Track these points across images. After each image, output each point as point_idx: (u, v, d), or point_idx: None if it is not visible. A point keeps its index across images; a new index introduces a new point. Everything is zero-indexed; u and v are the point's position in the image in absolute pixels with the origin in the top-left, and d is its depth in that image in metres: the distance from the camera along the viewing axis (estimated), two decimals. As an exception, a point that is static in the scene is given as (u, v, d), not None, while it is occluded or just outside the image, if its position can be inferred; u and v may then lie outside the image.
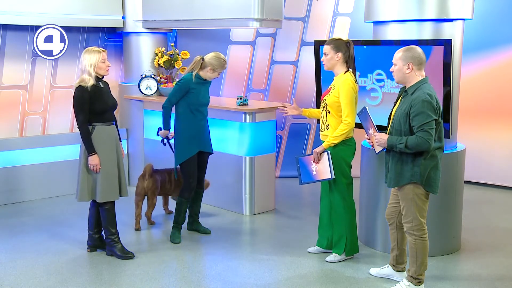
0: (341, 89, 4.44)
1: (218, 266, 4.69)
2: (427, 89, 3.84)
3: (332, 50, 4.50)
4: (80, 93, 4.55)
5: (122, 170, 4.84)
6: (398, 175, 3.95)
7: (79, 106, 4.58)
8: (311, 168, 4.61)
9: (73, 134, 7.06)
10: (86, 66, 4.56)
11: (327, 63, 4.56)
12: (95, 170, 4.62)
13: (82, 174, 4.67)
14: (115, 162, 4.74)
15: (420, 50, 3.92)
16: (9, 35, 6.52)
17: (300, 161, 4.68)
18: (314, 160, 4.57)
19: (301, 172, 4.66)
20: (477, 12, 5.41)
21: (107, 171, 4.68)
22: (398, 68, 3.94)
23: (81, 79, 4.57)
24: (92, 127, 4.63)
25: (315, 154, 4.55)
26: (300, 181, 4.69)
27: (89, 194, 4.71)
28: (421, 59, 3.90)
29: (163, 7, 6.82)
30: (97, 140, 4.63)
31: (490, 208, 6.48)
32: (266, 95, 7.79)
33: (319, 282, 4.35)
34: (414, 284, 4.05)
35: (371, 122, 4.14)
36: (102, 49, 4.66)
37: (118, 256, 4.79)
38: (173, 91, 5.09)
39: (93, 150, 4.60)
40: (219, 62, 5.05)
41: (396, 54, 3.95)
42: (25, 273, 4.53)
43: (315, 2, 7.57)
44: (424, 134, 3.78)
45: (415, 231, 3.98)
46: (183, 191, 5.22)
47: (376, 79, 5.01)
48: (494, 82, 7.20)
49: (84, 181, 4.68)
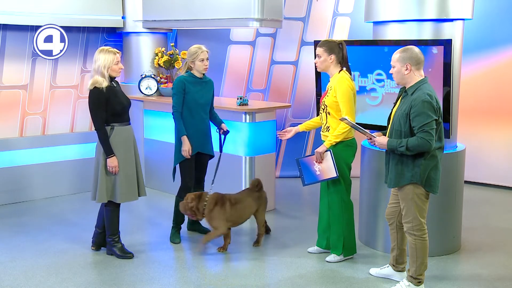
0: (338, 88, 4.44)
1: (218, 266, 4.69)
2: (427, 89, 3.84)
3: (325, 52, 4.51)
4: (96, 95, 4.50)
5: (140, 170, 4.82)
6: (399, 175, 3.95)
7: (96, 108, 4.52)
8: (314, 169, 4.59)
9: (73, 134, 7.07)
10: (100, 67, 4.52)
11: (320, 65, 4.56)
12: (114, 172, 4.59)
13: (101, 175, 4.61)
14: (133, 162, 4.73)
15: (417, 50, 3.91)
16: (9, 35, 6.52)
17: (301, 162, 4.66)
18: (316, 160, 4.56)
19: (304, 173, 4.64)
20: (477, 12, 5.41)
21: (126, 172, 4.66)
22: (396, 70, 3.94)
23: (95, 81, 4.51)
24: (111, 128, 4.60)
25: (317, 154, 4.53)
26: (304, 183, 4.66)
27: (108, 195, 4.67)
28: (419, 59, 3.90)
29: (163, 7, 6.82)
30: (116, 141, 4.60)
31: (490, 208, 6.47)
32: (266, 95, 7.79)
33: (319, 282, 4.35)
34: (414, 284, 4.05)
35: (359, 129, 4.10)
36: (117, 51, 4.61)
37: (118, 255, 4.79)
38: (173, 97, 5.05)
39: (112, 152, 4.56)
40: (191, 51, 5.03)
41: (394, 56, 3.95)
42: (25, 273, 4.53)
43: (315, 2, 7.57)
44: (425, 134, 3.77)
45: (415, 231, 3.98)
46: (180, 191, 5.20)
47: (376, 79, 5.01)
48: (494, 82, 7.20)
49: (103, 182, 4.62)
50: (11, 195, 6.53)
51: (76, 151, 6.97)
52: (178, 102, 5.03)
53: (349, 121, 4.15)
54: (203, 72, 5.10)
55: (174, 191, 5.85)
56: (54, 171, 6.81)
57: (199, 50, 5.00)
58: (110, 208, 4.74)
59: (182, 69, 5.15)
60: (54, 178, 6.81)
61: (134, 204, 6.21)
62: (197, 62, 5.02)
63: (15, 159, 6.56)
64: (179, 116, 5.04)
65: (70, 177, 6.91)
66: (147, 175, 7.22)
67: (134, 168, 4.73)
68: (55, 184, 6.82)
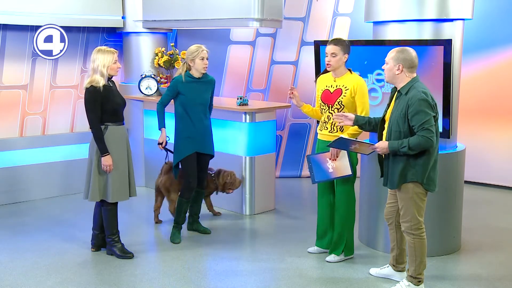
0: (359, 89, 4.46)
1: (218, 266, 4.69)
2: (420, 87, 3.86)
3: (341, 51, 4.48)
4: (93, 93, 4.54)
5: (132, 170, 4.84)
6: (399, 175, 3.94)
7: (91, 106, 4.56)
8: (327, 166, 4.52)
9: (73, 134, 7.07)
10: (99, 66, 4.54)
11: (335, 63, 4.49)
12: (108, 170, 4.61)
13: (94, 174, 4.64)
14: (126, 162, 4.74)
15: (413, 54, 3.91)
16: (9, 35, 6.51)
17: (312, 159, 4.57)
18: (331, 157, 4.53)
19: (314, 170, 4.56)
20: (477, 12, 5.40)
21: (119, 172, 4.67)
22: (389, 68, 3.95)
23: (93, 79, 4.55)
24: (105, 127, 4.62)
25: (334, 150, 4.48)
26: (313, 180, 4.58)
27: (100, 194, 4.69)
28: (413, 63, 3.90)
29: (163, 7, 6.82)
30: (109, 140, 4.62)
31: (490, 208, 6.47)
32: (266, 95, 7.79)
33: (319, 282, 4.35)
34: (414, 284, 4.05)
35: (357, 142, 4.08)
36: (114, 50, 4.65)
37: (118, 255, 4.79)
38: (165, 91, 5.18)
39: (106, 151, 4.58)
40: (190, 50, 5.05)
41: (390, 53, 3.96)
42: (25, 273, 4.53)
43: (315, 2, 7.57)
44: (426, 132, 3.78)
45: (413, 230, 3.98)
46: (183, 191, 5.21)
47: (376, 79, 5.01)
48: (494, 82, 7.20)
49: (96, 181, 4.64)
50: (11, 195, 6.53)
51: (76, 151, 6.96)
52: (165, 98, 5.16)
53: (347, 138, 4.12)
54: (203, 72, 5.10)
55: (174, 191, 5.87)
56: (54, 171, 6.81)
57: (199, 49, 5.02)
58: (107, 208, 4.74)
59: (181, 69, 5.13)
60: (54, 178, 6.81)
61: (134, 204, 6.23)
62: (197, 60, 5.02)
63: (15, 159, 6.56)
64: (160, 108, 5.17)
65: (70, 177, 6.90)
66: (147, 175, 7.23)
67: (126, 167, 4.75)
68: (55, 184, 6.82)
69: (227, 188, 5.81)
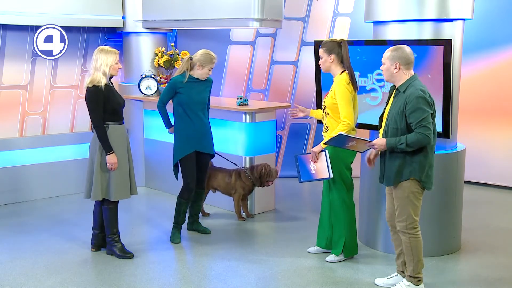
0: (336, 90, 4.45)
1: (218, 266, 4.69)
2: (418, 85, 3.88)
3: (325, 53, 4.53)
4: (95, 92, 4.56)
5: (132, 168, 4.86)
6: (397, 172, 3.95)
7: (94, 106, 4.58)
8: (310, 167, 4.61)
9: (73, 134, 7.07)
10: (102, 66, 4.57)
11: (322, 66, 4.60)
12: (112, 168, 4.62)
13: (96, 173, 4.65)
14: (127, 160, 4.76)
15: (408, 50, 3.93)
16: (9, 35, 6.51)
17: (299, 159, 4.67)
18: (312, 159, 4.58)
19: (300, 170, 4.66)
20: (477, 12, 5.40)
21: (120, 170, 4.69)
22: (386, 68, 3.98)
23: (94, 79, 4.57)
24: (106, 126, 4.64)
25: (313, 153, 4.54)
26: (300, 179, 4.69)
27: (103, 193, 4.70)
28: (409, 59, 3.92)
29: (163, 7, 6.82)
30: (111, 138, 4.64)
31: (490, 208, 6.48)
32: (266, 95, 7.79)
33: (319, 282, 4.35)
34: (414, 284, 4.05)
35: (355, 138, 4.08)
36: (116, 50, 4.68)
37: (118, 255, 4.80)
38: (164, 90, 5.18)
39: (111, 149, 4.60)
40: (206, 57, 5.05)
41: (385, 54, 3.99)
42: (25, 273, 4.53)
43: (315, 2, 7.57)
44: (423, 129, 3.79)
45: (409, 230, 3.98)
46: (182, 191, 5.21)
47: (376, 79, 5.01)
48: (494, 82, 7.20)
49: (98, 180, 4.65)
50: (11, 195, 6.53)
51: (76, 151, 6.96)
52: (164, 98, 5.16)
53: (346, 135, 4.14)
54: (203, 78, 5.13)
55: (174, 191, 5.88)
56: (54, 171, 6.81)
57: (213, 61, 5.06)
58: (108, 207, 4.75)
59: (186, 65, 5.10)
60: (54, 178, 6.81)
61: (134, 204, 6.23)
62: (206, 69, 5.07)
63: (15, 159, 6.56)
64: (162, 108, 5.18)
65: (70, 177, 6.90)
66: (147, 175, 7.23)
67: (127, 166, 4.76)
68: (55, 184, 6.82)
69: (265, 181, 5.74)
